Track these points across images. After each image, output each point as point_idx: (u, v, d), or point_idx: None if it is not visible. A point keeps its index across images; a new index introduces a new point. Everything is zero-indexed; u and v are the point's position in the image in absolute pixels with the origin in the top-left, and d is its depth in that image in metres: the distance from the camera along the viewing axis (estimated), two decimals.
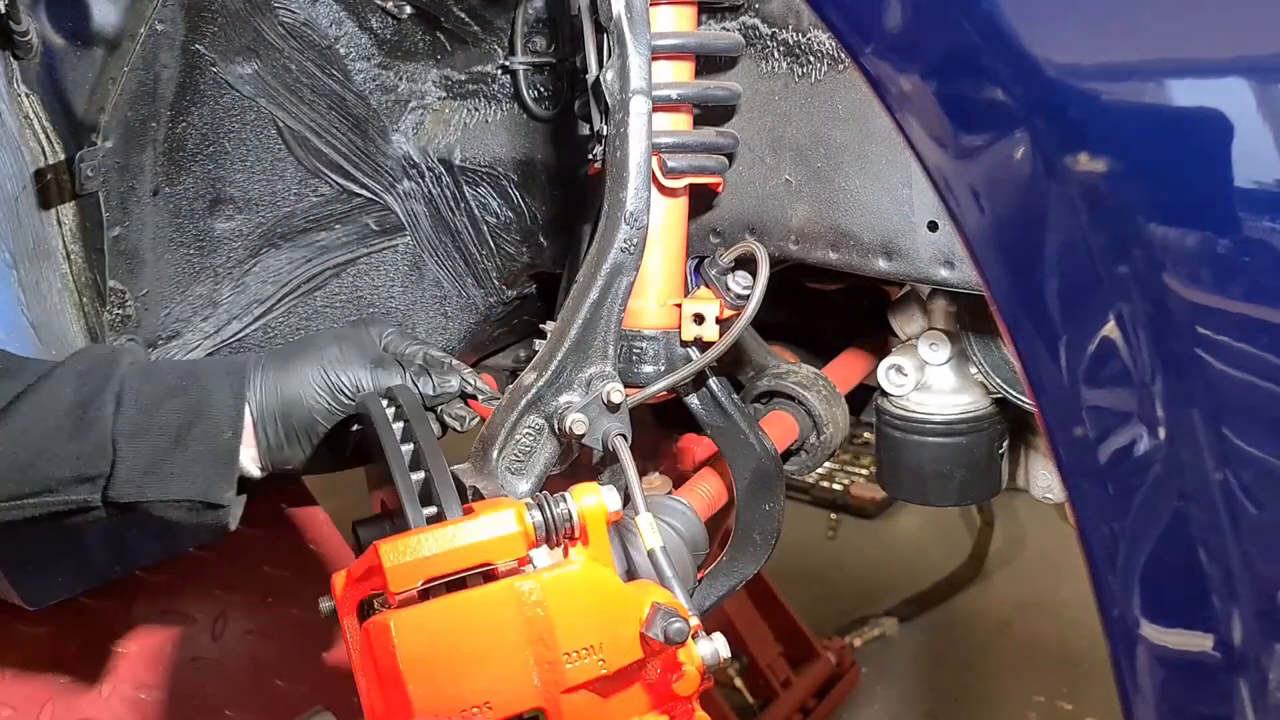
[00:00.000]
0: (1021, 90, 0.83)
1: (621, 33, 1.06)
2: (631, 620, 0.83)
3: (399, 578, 0.79)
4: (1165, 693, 0.87)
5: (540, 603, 0.80)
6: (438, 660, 0.78)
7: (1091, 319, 0.83)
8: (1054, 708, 2.74)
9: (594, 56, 1.13)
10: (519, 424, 1.07)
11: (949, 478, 1.35)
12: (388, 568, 0.79)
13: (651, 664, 0.84)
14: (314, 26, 1.34)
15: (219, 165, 1.33)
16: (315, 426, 1.07)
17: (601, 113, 1.10)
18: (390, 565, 0.79)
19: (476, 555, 0.81)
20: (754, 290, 1.13)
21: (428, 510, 0.91)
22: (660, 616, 0.81)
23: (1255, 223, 0.76)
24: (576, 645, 0.80)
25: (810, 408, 1.38)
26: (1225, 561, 0.81)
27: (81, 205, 1.23)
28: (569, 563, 0.85)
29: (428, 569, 0.80)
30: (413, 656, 0.78)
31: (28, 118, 1.20)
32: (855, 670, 2.92)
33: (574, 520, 0.86)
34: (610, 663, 0.81)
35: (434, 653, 0.78)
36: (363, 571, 0.83)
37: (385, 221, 1.52)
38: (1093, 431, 0.85)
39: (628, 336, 1.18)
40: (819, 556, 3.63)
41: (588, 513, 0.86)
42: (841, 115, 1.15)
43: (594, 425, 1.08)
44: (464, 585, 0.82)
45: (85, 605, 1.62)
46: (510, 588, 0.81)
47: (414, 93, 1.48)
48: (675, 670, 0.84)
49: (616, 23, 1.06)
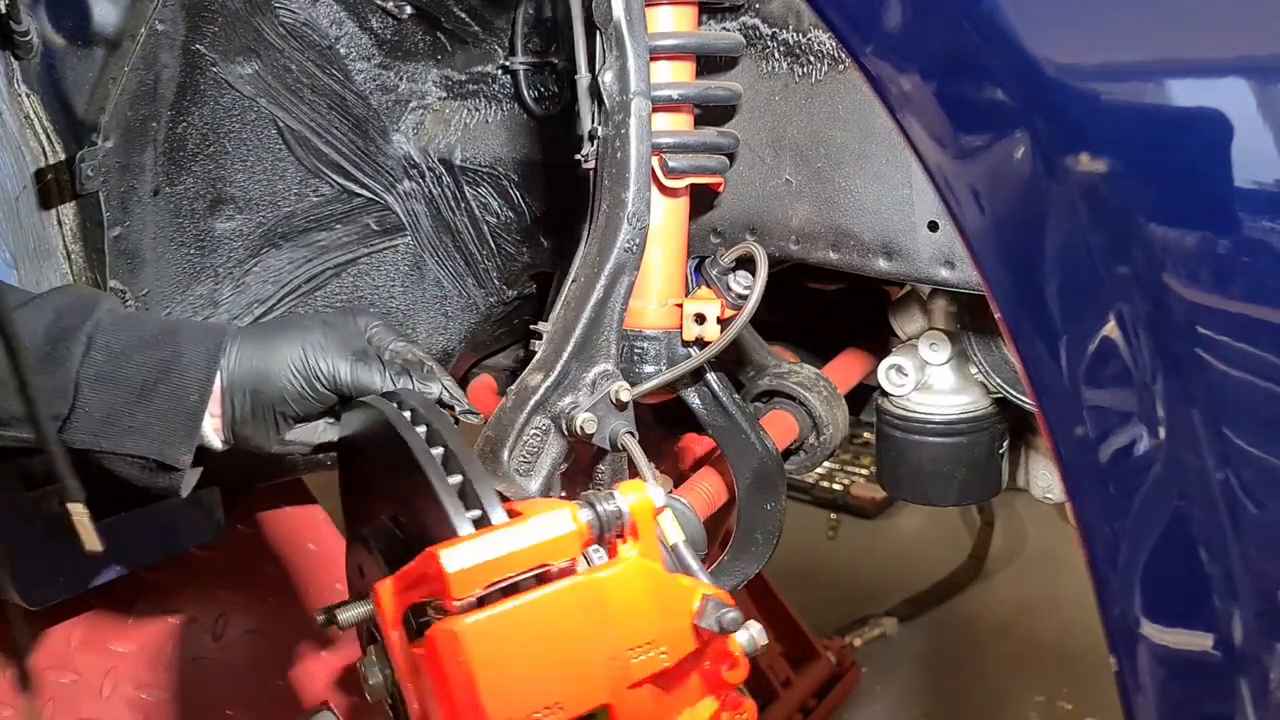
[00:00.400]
0: (1021, 90, 0.83)
1: (620, 35, 1.06)
2: (684, 613, 0.84)
3: (461, 584, 0.77)
4: (1166, 692, 0.87)
5: (606, 600, 0.81)
6: (508, 665, 0.77)
7: (1092, 319, 0.83)
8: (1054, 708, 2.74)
9: (583, 57, 1.14)
10: (527, 425, 1.07)
11: (949, 478, 1.36)
12: (450, 574, 0.76)
13: (703, 654, 0.86)
14: (314, 26, 1.34)
15: (219, 165, 1.33)
16: (284, 408, 1.04)
17: (599, 113, 1.10)
18: (453, 571, 0.76)
19: (535, 557, 0.80)
20: (752, 291, 1.13)
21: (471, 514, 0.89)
22: (712, 607, 0.83)
23: (1255, 223, 0.76)
24: (641, 640, 0.81)
25: (811, 408, 1.38)
26: (1226, 561, 0.81)
27: (82, 205, 1.23)
28: (624, 559, 0.85)
29: (490, 573, 0.78)
30: (484, 663, 0.76)
31: (28, 118, 1.20)
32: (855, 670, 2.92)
33: (625, 517, 0.86)
34: (671, 655, 0.83)
35: (504, 658, 0.77)
36: (415, 579, 0.81)
37: (386, 221, 1.52)
38: (1093, 431, 0.85)
39: (629, 336, 1.18)
40: (819, 556, 3.63)
41: (636, 508, 0.86)
42: (842, 115, 1.15)
43: (602, 424, 1.09)
44: (516, 589, 0.81)
45: (85, 605, 1.62)
46: (577, 587, 0.80)
47: (414, 93, 1.48)
48: (723, 659, 0.86)
49: (616, 25, 1.06)
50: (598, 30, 1.09)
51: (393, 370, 1.05)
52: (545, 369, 1.09)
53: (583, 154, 1.14)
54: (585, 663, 0.80)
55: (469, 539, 0.80)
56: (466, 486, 0.88)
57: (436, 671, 0.77)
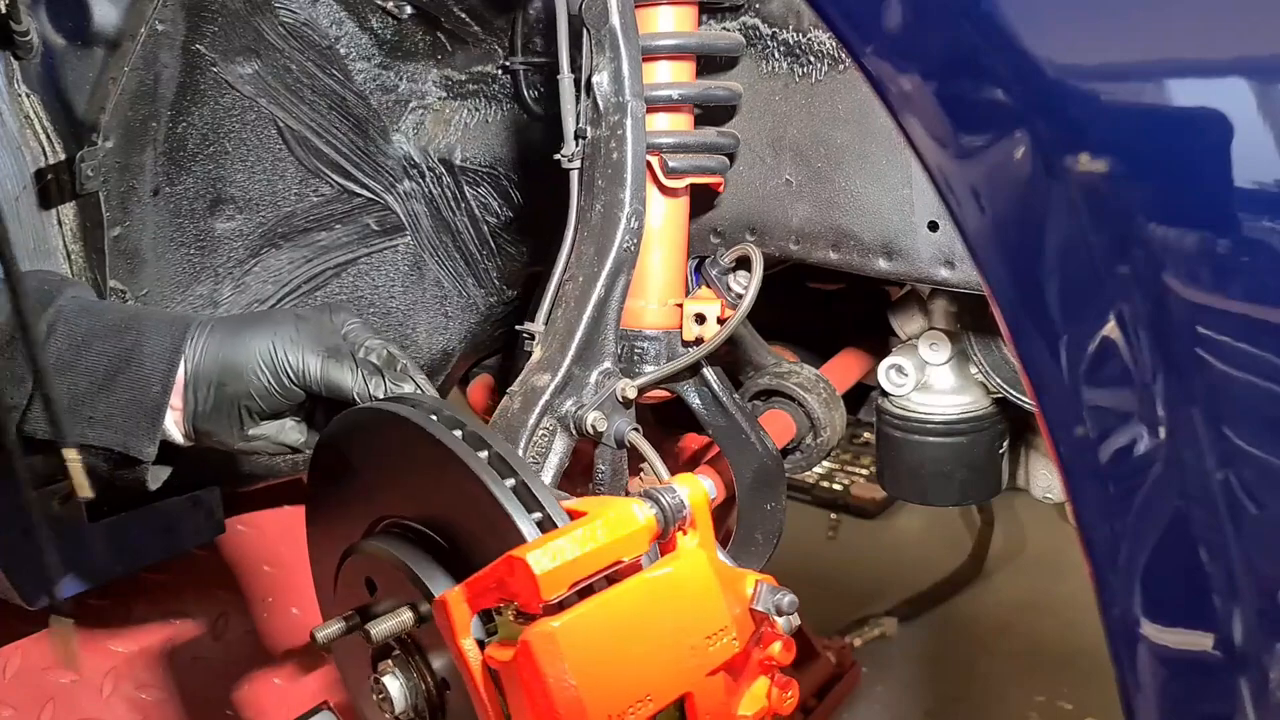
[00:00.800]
0: (1021, 90, 0.83)
1: (615, 37, 1.07)
2: (741, 598, 0.87)
3: (550, 585, 0.76)
4: (1166, 692, 0.87)
5: (683, 591, 0.82)
6: (602, 662, 0.78)
7: (1092, 319, 0.83)
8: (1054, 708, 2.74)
9: (566, 57, 1.14)
10: (538, 426, 1.08)
11: (949, 478, 1.36)
12: (539, 575, 0.76)
13: (755, 637, 0.89)
14: (314, 26, 1.34)
15: (219, 165, 1.33)
16: (249, 403, 1.00)
17: (590, 113, 1.11)
18: (541, 573, 0.76)
19: (612, 554, 0.81)
20: (748, 290, 1.13)
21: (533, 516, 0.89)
22: (767, 591, 0.87)
23: (1255, 223, 0.76)
24: (716, 627, 0.83)
25: (810, 410, 1.38)
26: (1226, 561, 0.81)
27: (82, 205, 1.23)
28: (692, 550, 0.86)
29: (574, 573, 0.78)
30: (582, 661, 0.76)
31: (28, 118, 1.20)
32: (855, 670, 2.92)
33: (686, 510, 0.87)
34: (740, 639, 0.85)
35: (598, 655, 0.78)
36: (491, 584, 0.80)
37: (386, 221, 1.52)
38: (1093, 431, 0.85)
39: (630, 337, 1.18)
40: (819, 556, 3.63)
41: (694, 500, 0.88)
42: (842, 115, 1.15)
43: (609, 422, 1.10)
44: (590, 588, 0.81)
45: (85, 605, 1.62)
46: (659, 579, 0.82)
47: (414, 93, 1.48)
48: (771, 640, 0.89)
49: (611, 28, 1.07)
50: (585, 31, 1.10)
51: (365, 369, 1.02)
52: (551, 369, 1.09)
53: (566, 153, 1.15)
54: (670, 653, 0.81)
55: (550, 540, 0.79)
56: (521, 489, 0.87)
57: (533, 675, 0.76)
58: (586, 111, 1.11)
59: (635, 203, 1.09)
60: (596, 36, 1.09)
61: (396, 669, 0.92)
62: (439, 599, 0.82)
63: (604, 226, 1.10)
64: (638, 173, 1.09)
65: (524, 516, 0.85)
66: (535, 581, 0.76)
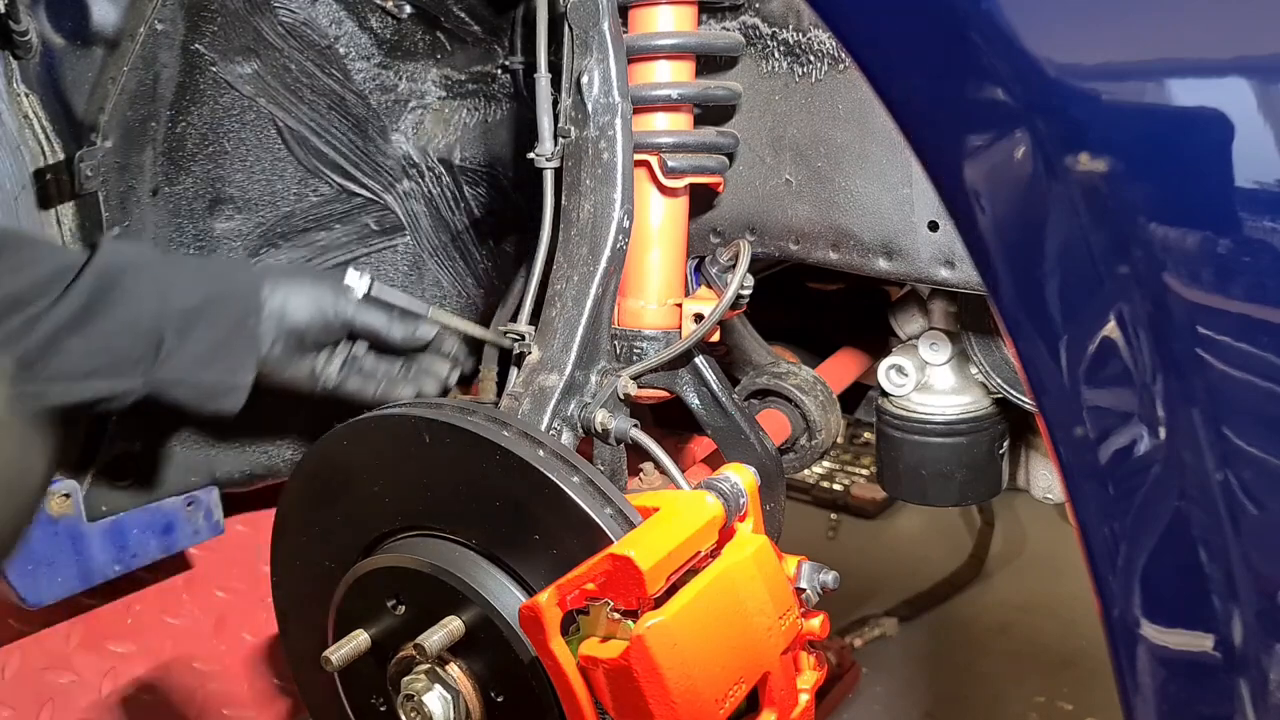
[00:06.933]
0: (1022, 90, 0.83)
1: (604, 38, 1.07)
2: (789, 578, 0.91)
3: (655, 578, 0.78)
4: (1166, 693, 0.87)
5: (756, 576, 0.85)
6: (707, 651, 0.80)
7: (1092, 319, 0.83)
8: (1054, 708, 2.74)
9: (545, 56, 1.15)
10: (549, 427, 1.08)
11: (949, 478, 1.36)
12: (645, 570, 0.77)
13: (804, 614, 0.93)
14: (314, 26, 1.34)
15: (219, 165, 1.33)
16: (304, 337, 1.12)
17: (575, 113, 1.11)
18: (648, 568, 0.77)
19: (696, 544, 0.84)
20: (733, 278, 1.13)
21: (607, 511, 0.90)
22: (811, 570, 0.92)
23: (1256, 223, 0.76)
24: (785, 607, 0.87)
25: (806, 412, 1.38)
26: (1226, 561, 0.81)
27: (81, 205, 1.23)
28: (754, 536, 0.90)
29: (671, 565, 0.80)
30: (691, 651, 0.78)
31: (27, 117, 1.20)
32: (855, 670, 2.91)
33: (745, 498, 0.90)
34: (799, 618, 0.89)
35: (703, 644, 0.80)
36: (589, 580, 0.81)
37: (385, 221, 1.52)
38: (1093, 432, 0.85)
39: (629, 337, 1.18)
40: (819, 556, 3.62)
41: (747, 488, 0.92)
42: (842, 115, 1.15)
43: (614, 420, 1.10)
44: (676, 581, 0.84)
45: (85, 605, 1.62)
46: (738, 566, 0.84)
47: (414, 92, 1.48)
48: (814, 617, 0.94)
49: (599, 29, 1.07)
50: (569, 30, 1.10)
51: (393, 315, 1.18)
52: (556, 369, 1.10)
53: (543, 152, 1.15)
54: (753, 636, 0.84)
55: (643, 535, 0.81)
56: (589, 486, 0.89)
57: (648, 669, 0.76)
58: (567, 111, 1.11)
59: (626, 203, 1.10)
60: (584, 37, 1.09)
61: (436, 684, 0.91)
62: (529, 603, 0.81)
63: (595, 227, 1.10)
64: (628, 173, 1.10)
65: (600, 510, 0.87)
66: (642, 577, 0.77)
